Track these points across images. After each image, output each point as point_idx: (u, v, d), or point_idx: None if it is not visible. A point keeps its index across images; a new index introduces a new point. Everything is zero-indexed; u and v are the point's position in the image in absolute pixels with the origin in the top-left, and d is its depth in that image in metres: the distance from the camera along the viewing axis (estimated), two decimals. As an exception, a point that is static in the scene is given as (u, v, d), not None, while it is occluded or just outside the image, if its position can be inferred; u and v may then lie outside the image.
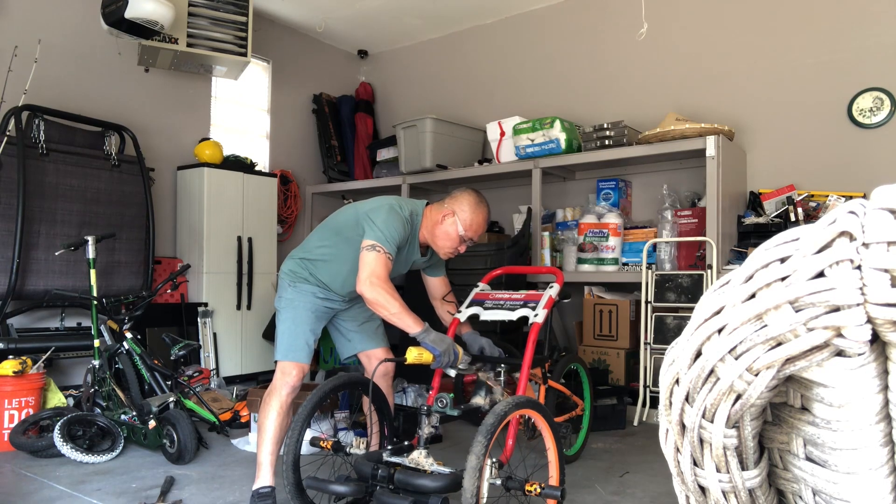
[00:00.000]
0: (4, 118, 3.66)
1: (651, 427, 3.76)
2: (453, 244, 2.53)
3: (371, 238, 2.34)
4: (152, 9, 3.80)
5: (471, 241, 2.55)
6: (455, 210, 2.51)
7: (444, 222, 2.51)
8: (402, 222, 2.43)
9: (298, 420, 2.19)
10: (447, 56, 5.84)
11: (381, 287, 2.27)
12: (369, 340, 2.67)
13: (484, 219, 2.54)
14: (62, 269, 3.84)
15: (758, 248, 0.82)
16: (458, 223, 2.49)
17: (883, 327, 0.72)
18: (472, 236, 2.52)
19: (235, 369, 4.74)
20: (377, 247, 2.32)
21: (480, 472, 1.82)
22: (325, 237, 2.56)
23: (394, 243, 2.37)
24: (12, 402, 3.23)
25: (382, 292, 2.27)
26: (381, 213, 2.41)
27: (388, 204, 2.47)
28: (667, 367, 0.92)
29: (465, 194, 2.54)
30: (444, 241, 2.53)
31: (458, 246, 2.55)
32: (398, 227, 2.40)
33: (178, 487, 2.67)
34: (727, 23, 4.40)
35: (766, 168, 4.20)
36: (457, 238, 2.51)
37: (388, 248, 2.34)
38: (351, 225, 2.48)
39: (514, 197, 5.22)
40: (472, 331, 2.71)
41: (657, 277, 3.93)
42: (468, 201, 2.52)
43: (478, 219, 2.51)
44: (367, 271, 2.29)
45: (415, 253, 2.60)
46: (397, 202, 2.51)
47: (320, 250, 2.54)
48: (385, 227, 2.36)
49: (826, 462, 0.88)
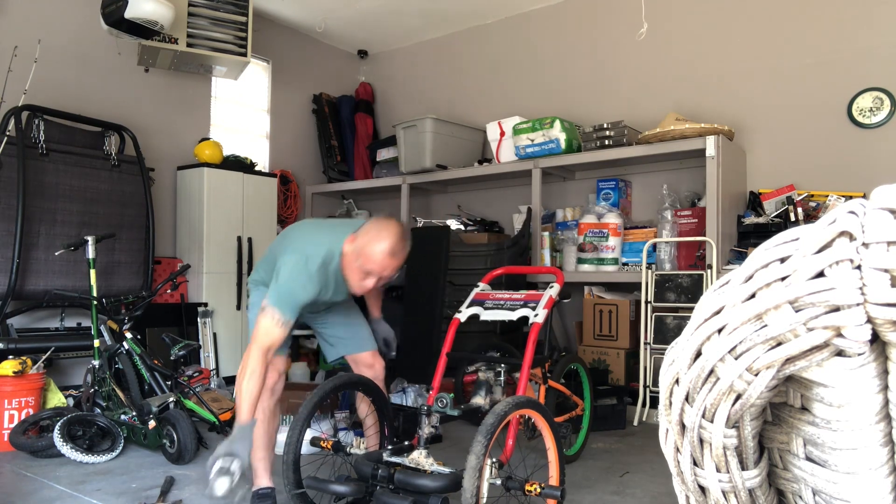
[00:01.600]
0: (4, 118, 3.66)
1: (651, 427, 3.76)
2: (355, 277, 2.23)
3: (269, 299, 2.15)
4: (152, 9, 3.80)
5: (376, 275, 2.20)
6: (357, 236, 2.21)
7: (346, 251, 2.23)
8: (307, 280, 2.18)
9: (299, 420, 2.19)
10: (447, 56, 5.84)
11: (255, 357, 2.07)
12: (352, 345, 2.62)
13: (383, 251, 2.14)
14: (62, 269, 3.84)
15: (758, 248, 0.82)
16: (356, 251, 2.19)
17: (883, 327, 0.72)
18: (373, 269, 2.17)
19: (235, 369, 4.71)
20: (267, 309, 2.13)
21: (480, 472, 1.81)
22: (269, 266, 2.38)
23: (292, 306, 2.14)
24: (12, 403, 3.23)
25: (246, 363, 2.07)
26: (286, 268, 2.18)
27: (301, 255, 2.22)
28: (667, 367, 0.92)
29: (371, 223, 2.24)
30: (349, 273, 2.25)
31: (362, 281, 2.23)
32: (299, 288, 2.17)
33: (178, 487, 2.67)
34: (727, 23, 4.40)
35: (766, 168, 4.20)
36: (355, 269, 2.21)
37: (283, 312, 2.12)
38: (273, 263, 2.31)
39: (514, 197, 5.22)
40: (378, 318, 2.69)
41: (657, 277, 3.93)
42: (370, 229, 2.20)
43: (375, 249, 2.14)
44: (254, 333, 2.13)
45: (340, 289, 2.34)
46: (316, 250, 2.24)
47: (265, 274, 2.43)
48: (283, 289, 2.16)
49: (826, 462, 0.88)
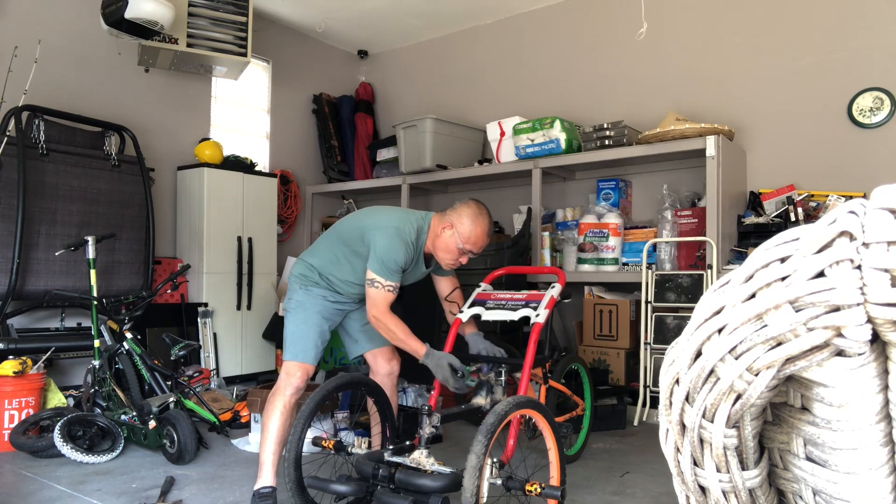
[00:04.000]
0: (4, 118, 3.66)
1: (651, 427, 3.76)
2: (453, 256, 2.52)
3: (372, 270, 2.40)
4: (152, 9, 3.80)
5: (471, 253, 2.52)
6: (454, 222, 2.49)
7: (443, 235, 2.50)
8: (405, 247, 2.43)
9: (300, 419, 2.20)
10: (447, 56, 5.84)
11: (383, 320, 2.40)
12: (375, 340, 2.68)
13: (483, 231, 2.49)
14: (62, 270, 3.84)
15: (758, 248, 0.82)
16: (456, 235, 2.47)
17: (883, 327, 0.72)
18: (472, 249, 2.50)
19: (235, 369, 4.74)
20: (376, 282, 2.39)
21: (480, 472, 1.81)
22: (333, 246, 2.58)
23: (395, 273, 2.41)
24: (12, 403, 3.23)
25: (384, 325, 2.41)
26: (383, 238, 2.41)
27: (394, 227, 2.44)
28: (667, 367, 0.92)
29: (464, 206, 2.52)
30: (445, 253, 2.52)
31: (458, 258, 2.53)
32: (399, 254, 2.41)
33: (178, 488, 2.67)
34: (727, 23, 4.40)
35: (766, 168, 4.20)
36: (456, 251, 2.50)
37: (388, 279, 2.40)
38: (356, 238, 2.50)
39: (514, 197, 5.22)
40: (475, 332, 2.70)
41: (657, 277, 3.93)
42: (467, 213, 2.49)
43: (476, 231, 2.47)
44: (370, 306, 2.42)
45: (420, 267, 2.59)
46: (403, 222, 2.48)
47: (329, 257, 2.56)
48: (386, 256, 2.39)
49: (826, 462, 0.88)
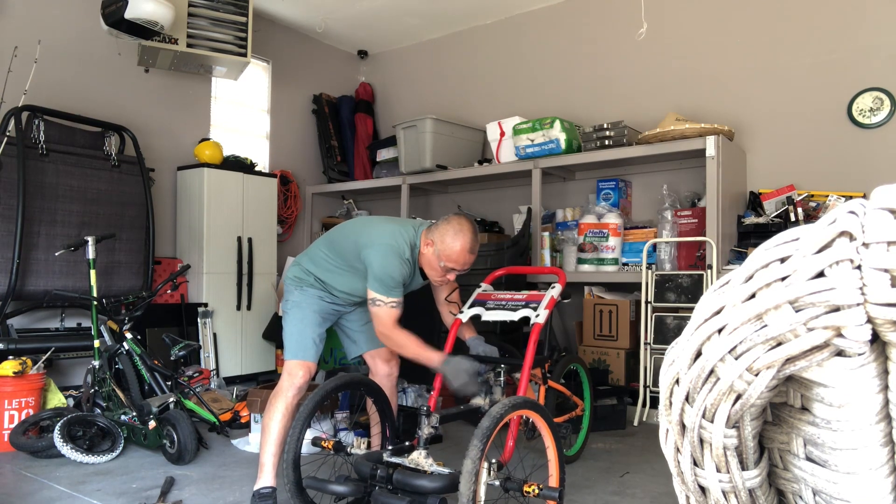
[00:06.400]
0: (4, 118, 3.66)
1: (651, 427, 3.76)
2: (437, 274, 2.47)
3: (373, 290, 2.38)
4: (152, 9, 3.80)
5: (455, 270, 2.44)
6: (434, 240, 2.42)
7: (426, 252, 2.45)
8: (401, 263, 2.40)
9: (299, 420, 2.20)
10: (447, 56, 5.84)
11: (392, 336, 2.40)
12: (374, 341, 2.67)
13: (464, 247, 2.38)
14: (62, 270, 3.84)
15: (758, 248, 0.81)
16: (437, 253, 2.41)
17: (883, 327, 0.72)
18: (454, 266, 2.41)
19: (235, 369, 4.74)
20: (378, 301, 2.38)
21: (476, 476, 1.80)
22: (330, 256, 2.56)
23: (395, 289, 2.39)
24: (12, 403, 3.23)
25: (393, 341, 2.42)
26: (378, 257, 2.37)
27: (387, 244, 2.39)
28: (667, 367, 0.92)
29: (445, 222, 2.43)
30: (430, 270, 2.48)
31: (443, 276, 2.47)
32: (396, 271, 2.38)
33: (178, 488, 2.67)
34: (727, 23, 4.40)
35: (766, 168, 4.20)
36: (439, 269, 2.44)
37: (389, 296, 2.38)
38: (353, 254, 2.48)
39: (514, 197, 5.22)
40: (476, 336, 2.68)
41: (657, 277, 3.93)
42: (448, 230, 2.40)
43: (456, 248, 2.37)
44: (377, 324, 2.42)
45: (417, 278, 2.56)
46: (396, 238, 2.42)
47: (326, 266, 2.56)
48: (383, 275, 2.36)
49: (826, 462, 0.88)
